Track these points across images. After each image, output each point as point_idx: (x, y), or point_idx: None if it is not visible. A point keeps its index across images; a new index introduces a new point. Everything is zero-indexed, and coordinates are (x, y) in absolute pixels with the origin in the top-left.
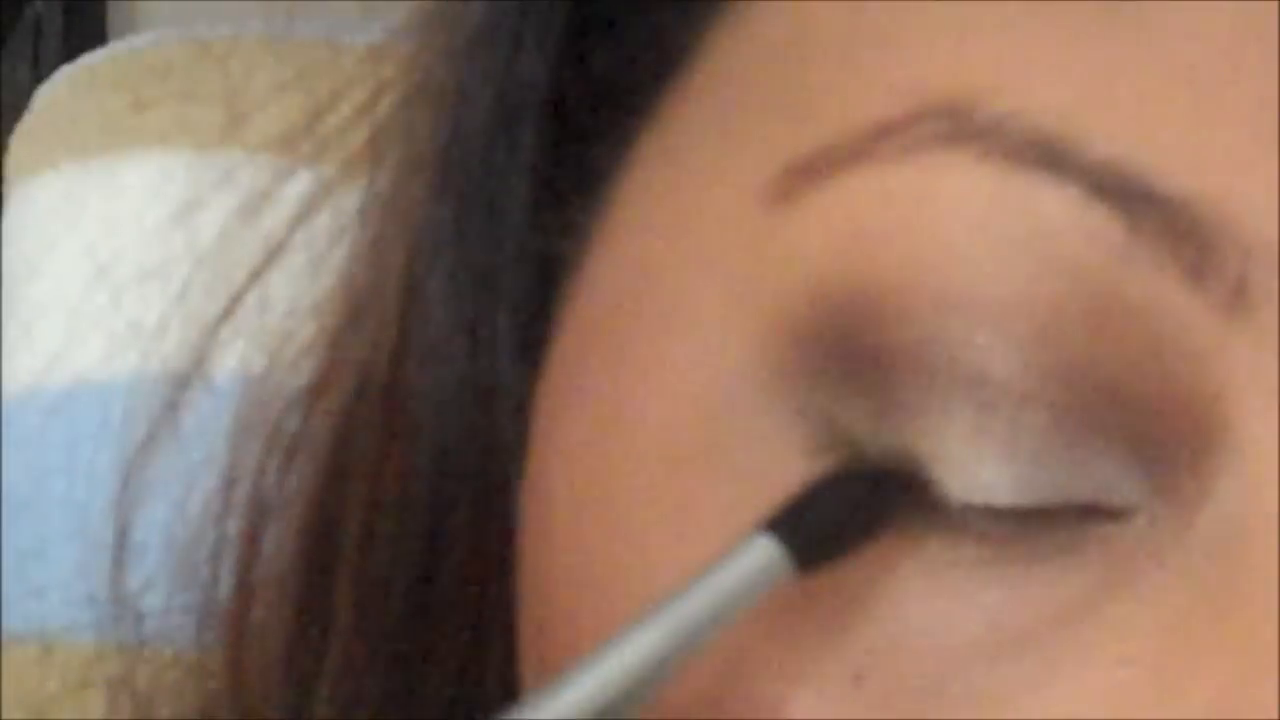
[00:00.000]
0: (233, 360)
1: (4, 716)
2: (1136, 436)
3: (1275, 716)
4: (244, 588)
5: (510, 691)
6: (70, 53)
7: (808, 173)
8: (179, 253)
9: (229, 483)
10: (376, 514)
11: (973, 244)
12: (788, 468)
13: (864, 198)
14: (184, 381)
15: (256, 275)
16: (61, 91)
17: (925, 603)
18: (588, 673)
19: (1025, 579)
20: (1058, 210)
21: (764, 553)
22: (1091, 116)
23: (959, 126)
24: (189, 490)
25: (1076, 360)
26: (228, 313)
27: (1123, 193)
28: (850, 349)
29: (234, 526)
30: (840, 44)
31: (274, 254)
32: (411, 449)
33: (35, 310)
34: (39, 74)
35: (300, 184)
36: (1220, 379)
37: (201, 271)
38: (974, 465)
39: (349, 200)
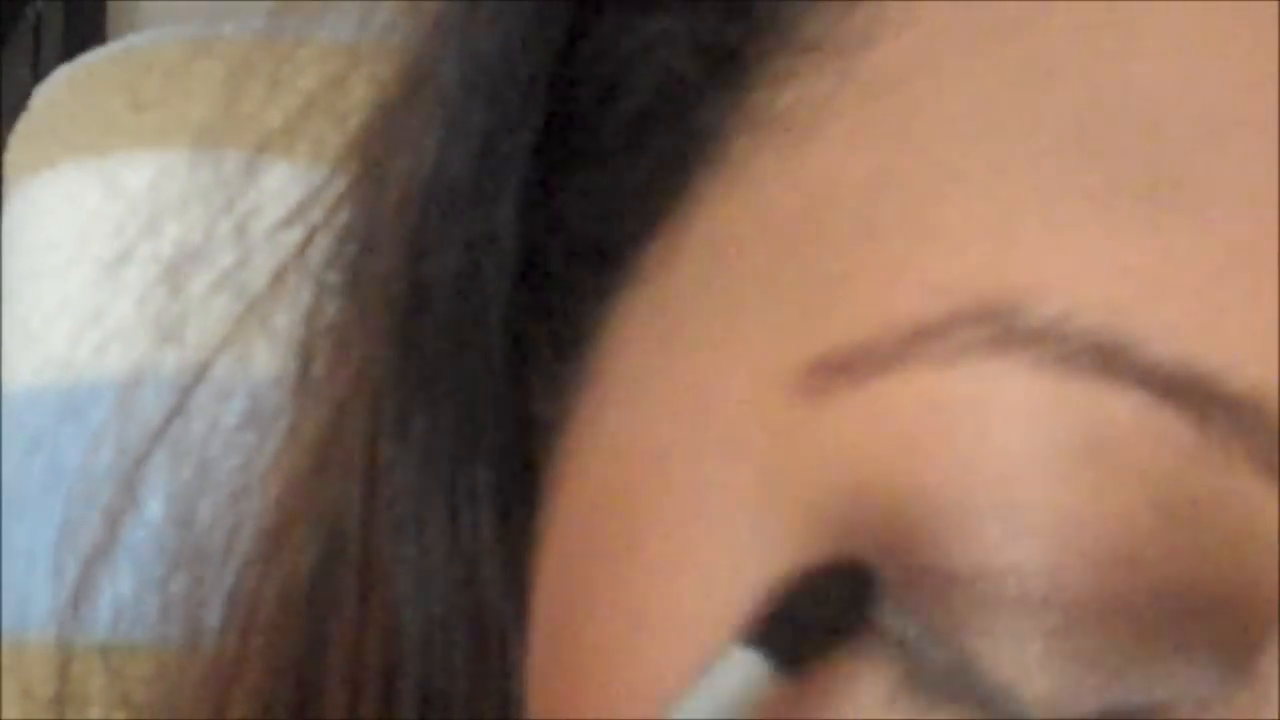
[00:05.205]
0: (231, 364)
1: (4, 717)
2: (1214, 633)
3: None
4: None
5: None
6: (70, 53)
7: (842, 370)
8: (178, 253)
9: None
10: (361, 691)
11: (1032, 457)
12: (834, 668)
13: (907, 403)
14: (183, 382)
15: (277, 278)
16: (61, 91)
17: None
18: None
19: None
20: (1121, 416)
21: (745, 665)
22: (1147, 312)
23: (1006, 331)
24: (184, 491)
25: (1153, 574)
26: (241, 317)
27: (1190, 392)
28: (902, 564)
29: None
30: (861, 227)
31: (293, 258)
32: (396, 620)
33: (35, 310)
34: (39, 74)
35: (299, 184)
36: None
37: (201, 271)
38: (1043, 682)
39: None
